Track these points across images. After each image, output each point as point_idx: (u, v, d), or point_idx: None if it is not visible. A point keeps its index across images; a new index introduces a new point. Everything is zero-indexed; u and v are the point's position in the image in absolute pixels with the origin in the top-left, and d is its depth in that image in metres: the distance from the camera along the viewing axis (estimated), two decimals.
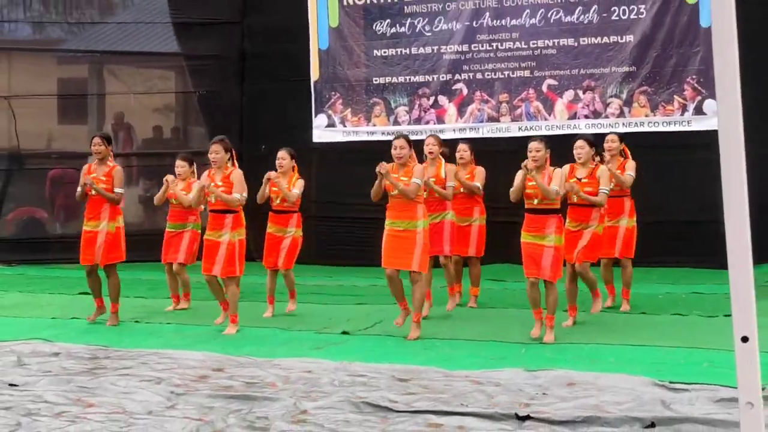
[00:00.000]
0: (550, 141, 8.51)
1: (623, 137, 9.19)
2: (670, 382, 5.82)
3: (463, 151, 9.30)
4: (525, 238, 7.53)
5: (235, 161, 8.39)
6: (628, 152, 9.09)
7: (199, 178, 8.92)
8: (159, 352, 7.22)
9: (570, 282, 8.23)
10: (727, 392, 5.48)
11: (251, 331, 8.25)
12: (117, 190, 8.63)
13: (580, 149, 8.25)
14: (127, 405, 5.61)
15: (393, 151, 7.78)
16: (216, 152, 8.16)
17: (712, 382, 5.76)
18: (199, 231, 9.67)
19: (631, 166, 8.97)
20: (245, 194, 8.32)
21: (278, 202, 8.92)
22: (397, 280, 7.76)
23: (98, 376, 6.38)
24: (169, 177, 9.38)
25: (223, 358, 6.98)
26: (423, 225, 7.72)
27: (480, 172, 9.26)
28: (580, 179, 8.14)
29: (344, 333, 8.03)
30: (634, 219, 9.00)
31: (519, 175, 7.54)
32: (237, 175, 8.20)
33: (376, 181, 7.67)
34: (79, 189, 8.70)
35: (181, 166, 9.65)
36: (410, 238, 7.66)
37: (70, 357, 7.08)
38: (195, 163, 9.87)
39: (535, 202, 7.44)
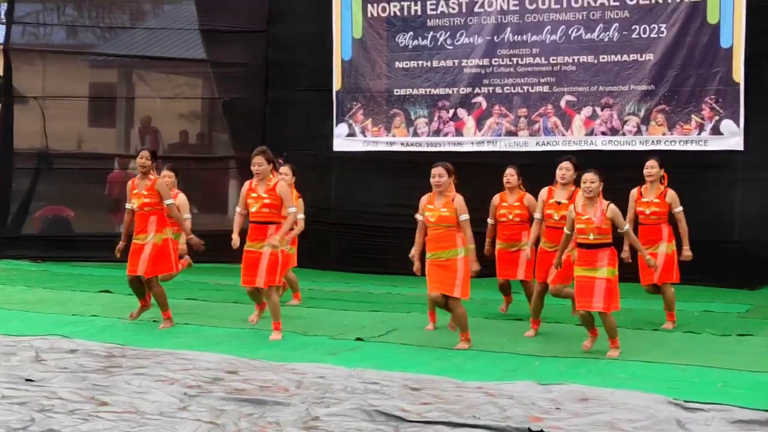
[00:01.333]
0: (567, 156, 8.41)
1: (663, 163, 8.77)
2: (685, 401, 5.66)
3: (510, 176, 8.95)
4: (578, 271, 7.36)
5: (275, 172, 8.22)
6: (666, 179, 8.71)
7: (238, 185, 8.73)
8: (175, 353, 7.13)
9: (538, 298, 8.12)
10: (743, 413, 5.31)
11: (266, 334, 8.12)
12: (167, 202, 8.50)
13: (566, 171, 8.08)
14: (139, 405, 5.54)
15: (432, 180, 7.54)
16: (259, 164, 7.97)
17: (728, 403, 5.59)
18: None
19: (674, 198, 8.58)
20: (294, 207, 8.06)
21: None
22: (440, 301, 7.61)
23: (113, 375, 6.31)
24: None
25: (238, 360, 6.89)
26: (463, 252, 7.51)
27: (530, 200, 8.84)
28: (559, 203, 7.95)
29: (358, 339, 7.92)
30: (673, 244, 8.60)
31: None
32: (283, 188, 8.00)
33: (419, 225, 7.63)
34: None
35: (168, 176, 9.32)
36: (452, 267, 7.50)
37: (87, 354, 7.01)
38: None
39: (591, 237, 7.23)
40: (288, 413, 5.30)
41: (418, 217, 7.69)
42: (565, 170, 8.10)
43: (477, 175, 10.25)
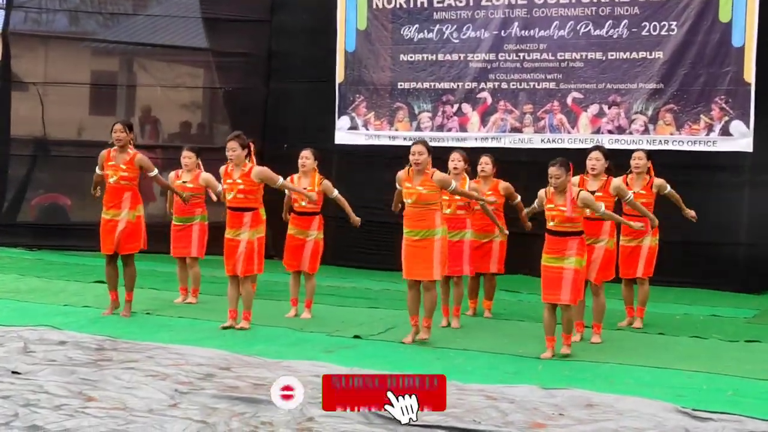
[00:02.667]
0: (573, 155, 8.19)
1: (650, 155, 8.78)
2: (694, 410, 5.49)
3: (485, 164, 8.83)
4: (545, 260, 7.18)
5: (252, 157, 8.06)
6: (653, 170, 8.67)
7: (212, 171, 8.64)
8: (167, 347, 7.01)
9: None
10: (754, 424, 5.14)
11: (262, 330, 7.99)
12: (151, 173, 8.40)
13: (596, 161, 7.85)
14: (128, 401, 5.42)
15: (411, 157, 7.44)
16: (233, 149, 7.87)
17: (739, 413, 5.42)
18: (207, 222, 9.39)
19: (660, 184, 8.59)
20: (281, 179, 8.11)
21: (302, 204, 8.57)
22: (416, 290, 7.52)
23: (102, 369, 6.19)
24: (186, 195, 9.12)
25: (232, 356, 6.76)
26: (441, 233, 7.45)
27: (504, 187, 8.83)
28: (592, 192, 7.70)
29: (356, 337, 7.79)
30: (657, 238, 8.60)
31: (541, 196, 7.29)
32: (262, 172, 7.93)
33: (396, 193, 7.39)
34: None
35: (188, 156, 9.40)
36: (428, 248, 7.40)
37: (77, 347, 6.88)
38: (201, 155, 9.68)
39: (553, 223, 7.10)
40: (282, 413, 5.14)
41: (398, 186, 7.53)
42: (595, 160, 7.85)
43: None
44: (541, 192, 7.27)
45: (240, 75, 13.72)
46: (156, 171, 8.48)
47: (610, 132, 11.57)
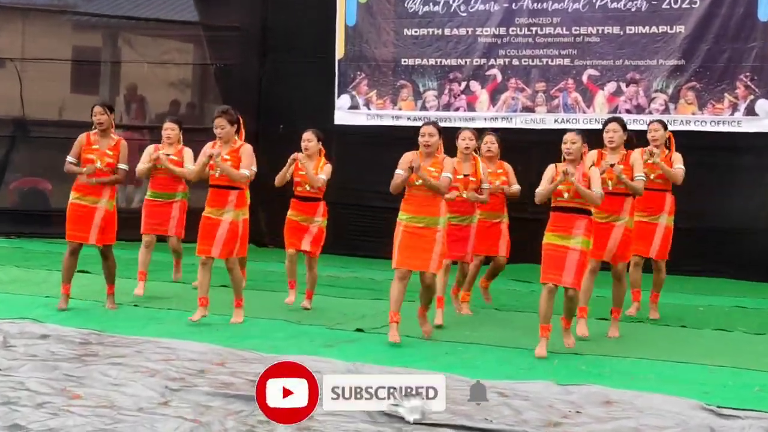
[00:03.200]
0: (588, 136, 8.09)
1: (667, 125, 8.77)
2: (718, 407, 5.49)
3: (491, 143, 8.81)
4: (547, 238, 7.12)
5: (242, 134, 8.03)
6: (673, 142, 8.63)
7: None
8: (156, 341, 6.98)
9: (591, 278, 7.68)
10: None
11: (258, 323, 7.98)
12: (121, 166, 8.30)
13: (613, 132, 7.79)
14: (116, 399, 5.40)
15: (421, 139, 7.38)
16: (221, 126, 7.79)
17: (766, 410, 5.41)
18: (187, 201, 9.36)
19: (678, 159, 8.55)
20: (254, 169, 8.06)
21: (307, 188, 8.54)
22: (406, 282, 7.41)
23: (87, 364, 6.16)
24: (161, 154, 9.09)
25: (226, 351, 6.74)
26: (444, 223, 7.41)
27: (511, 171, 8.86)
28: (612, 165, 7.68)
29: (358, 330, 7.79)
30: (673, 217, 8.56)
31: (548, 175, 7.13)
32: (247, 149, 7.88)
33: (399, 175, 7.32)
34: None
35: (170, 128, 9.37)
36: (430, 237, 7.30)
37: (60, 341, 6.86)
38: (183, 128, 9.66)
39: (566, 197, 7.03)
40: None
41: (399, 171, 7.34)
42: (612, 132, 7.79)
43: None
44: (550, 167, 7.16)
45: (233, 50, 13.68)
46: (126, 167, 8.36)
47: (628, 111, 11.52)
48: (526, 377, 6.20)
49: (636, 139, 8.16)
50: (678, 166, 8.48)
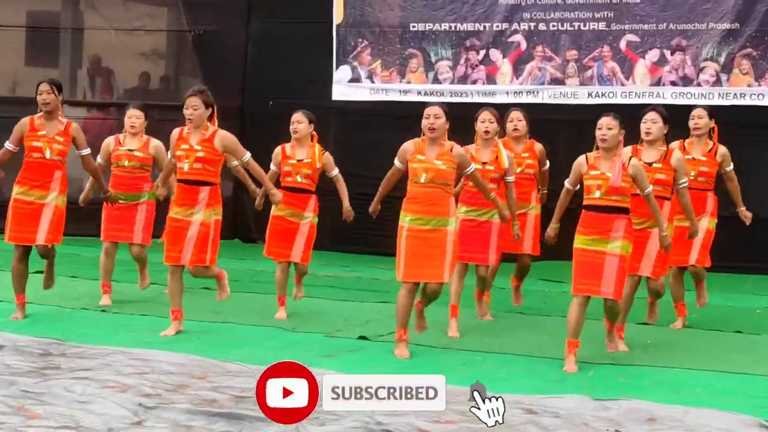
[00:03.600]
0: (628, 112, 8.11)
1: (714, 113, 8.72)
2: None
3: (518, 120, 8.85)
4: (580, 243, 7.13)
5: (215, 120, 7.94)
6: (717, 133, 8.63)
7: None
8: (128, 351, 7.03)
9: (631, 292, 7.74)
10: None
11: (245, 330, 8.05)
12: (84, 152, 8.32)
13: (651, 123, 7.77)
14: (81, 418, 5.42)
15: (424, 122, 7.31)
16: (195, 107, 7.71)
17: None
18: (155, 201, 9.32)
19: (727, 158, 8.55)
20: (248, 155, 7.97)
21: (298, 178, 8.54)
22: (413, 296, 7.39)
23: (48, 379, 6.20)
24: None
25: (208, 362, 6.79)
26: (454, 224, 7.39)
27: (540, 150, 8.91)
28: (650, 164, 7.67)
29: (362, 338, 7.86)
30: (716, 220, 8.60)
31: (577, 169, 7.20)
32: (227, 138, 7.80)
33: (389, 174, 7.46)
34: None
35: (135, 116, 9.24)
36: (440, 241, 7.28)
37: (17, 352, 6.89)
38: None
39: (598, 194, 7.02)
40: (271, 431, 5.21)
41: (398, 163, 7.41)
42: (650, 123, 7.78)
43: None
44: (580, 159, 7.16)
45: (213, 15, 13.72)
46: (89, 150, 8.35)
47: (673, 83, 11.59)
48: (556, 391, 6.24)
49: (681, 119, 8.16)
50: (728, 168, 8.53)
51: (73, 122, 8.43)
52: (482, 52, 12.31)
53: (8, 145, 8.27)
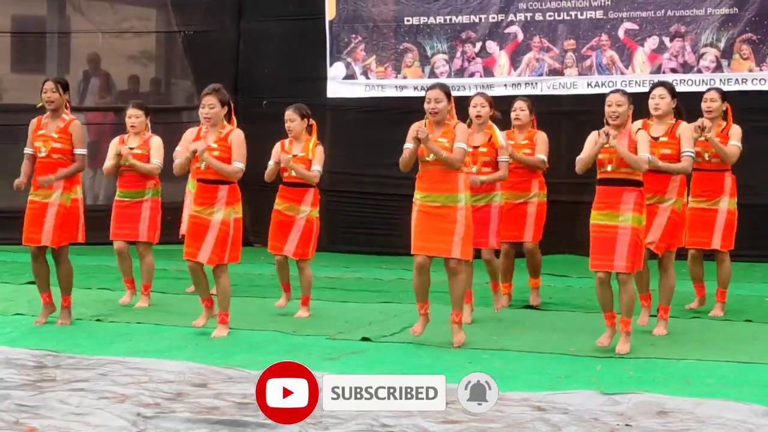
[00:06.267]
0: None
1: (726, 96, 8.80)
2: None
3: (520, 110, 8.98)
4: (594, 218, 7.27)
5: (233, 118, 8.12)
6: (731, 115, 8.67)
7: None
8: (125, 361, 7.01)
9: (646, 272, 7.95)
10: None
11: (244, 335, 8.03)
12: (78, 151, 8.32)
13: (659, 99, 7.89)
14: (78, 431, 5.40)
15: (426, 105, 7.46)
16: (211, 106, 7.84)
17: None
18: (160, 199, 9.38)
19: (736, 133, 8.60)
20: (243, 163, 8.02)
21: (293, 173, 8.57)
22: (427, 272, 7.53)
23: (44, 391, 6.18)
24: (123, 149, 9.18)
25: (208, 369, 6.78)
26: (466, 199, 7.48)
27: (542, 139, 8.96)
28: (656, 138, 7.77)
29: (365, 339, 7.84)
30: (736, 200, 8.65)
31: (590, 141, 7.29)
32: (238, 137, 7.91)
33: (407, 149, 7.39)
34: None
35: (135, 115, 9.36)
36: (450, 216, 7.39)
37: (10, 365, 6.87)
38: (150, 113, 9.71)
39: (609, 168, 7.17)
40: None
41: (408, 145, 7.42)
42: (658, 98, 7.88)
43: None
44: (593, 134, 7.29)
45: (203, 14, 13.76)
46: (84, 150, 8.37)
47: (673, 71, 11.62)
48: (564, 387, 6.24)
49: (683, 106, 8.18)
50: (733, 142, 8.52)
51: (76, 120, 8.45)
52: (479, 45, 12.36)
53: (27, 150, 8.40)
